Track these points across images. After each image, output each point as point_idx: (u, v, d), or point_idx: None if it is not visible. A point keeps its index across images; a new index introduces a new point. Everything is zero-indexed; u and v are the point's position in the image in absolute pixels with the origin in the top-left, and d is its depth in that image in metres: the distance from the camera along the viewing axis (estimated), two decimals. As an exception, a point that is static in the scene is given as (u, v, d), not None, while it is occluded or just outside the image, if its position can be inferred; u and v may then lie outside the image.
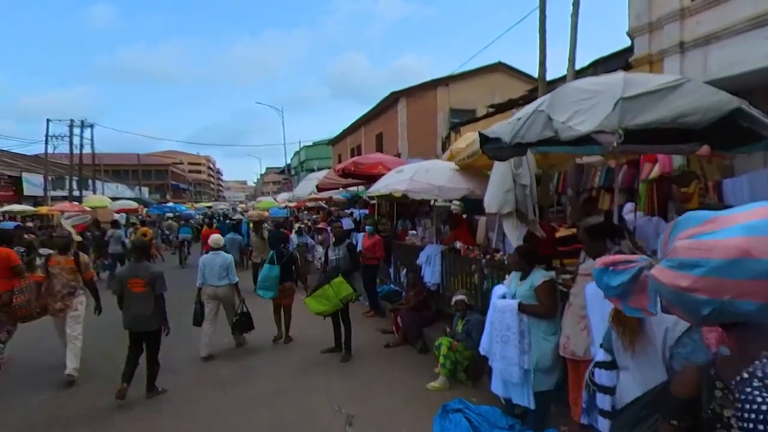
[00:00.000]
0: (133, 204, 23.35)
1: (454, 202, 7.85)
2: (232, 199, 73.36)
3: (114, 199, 22.41)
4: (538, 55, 7.05)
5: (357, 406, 4.25)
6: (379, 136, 22.61)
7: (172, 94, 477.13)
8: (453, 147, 7.38)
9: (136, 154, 57.24)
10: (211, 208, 37.20)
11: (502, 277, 4.57)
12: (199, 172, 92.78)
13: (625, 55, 7.59)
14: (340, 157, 28.05)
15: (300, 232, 11.37)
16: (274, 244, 6.53)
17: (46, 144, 25.69)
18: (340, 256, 6.01)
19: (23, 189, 27.02)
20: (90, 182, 30.60)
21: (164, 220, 24.19)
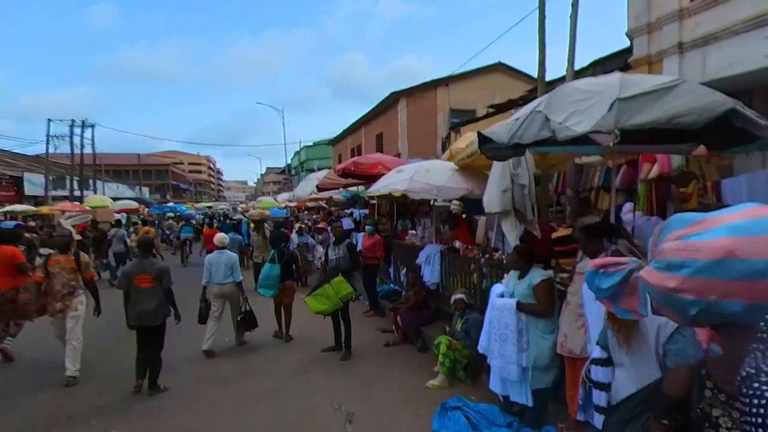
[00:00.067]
0: (134, 204, 23.45)
1: (453, 202, 7.87)
2: (232, 199, 73.30)
3: (115, 199, 22.48)
4: (537, 55, 7.08)
5: (357, 404, 4.28)
6: (380, 136, 22.62)
7: (172, 94, 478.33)
8: (453, 147, 7.40)
9: (137, 154, 57.46)
10: (212, 208, 37.18)
11: (501, 276, 4.59)
12: (200, 172, 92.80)
13: (624, 55, 7.60)
14: (340, 157, 28.07)
15: (301, 232, 11.38)
16: (275, 244, 6.60)
17: (47, 144, 25.80)
18: (340, 256, 6.05)
19: (24, 189, 27.14)
20: (91, 182, 30.67)
21: (165, 220, 24.27)
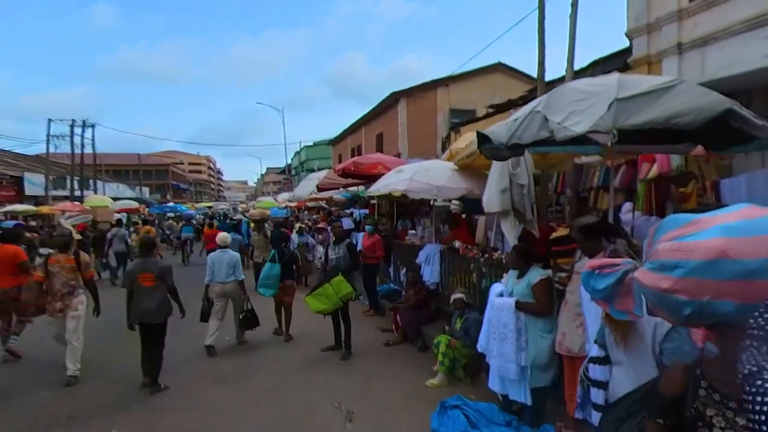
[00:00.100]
0: (134, 204, 23.48)
1: (453, 202, 7.89)
2: (232, 199, 73.26)
3: (115, 199, 22.50)
4: (537, 55, 7.09)
5: (356, 403, 4.30)
6: (380, 137, 22.64)
7: (173, 94, 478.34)
8: (452, 147, 7.42)
9: (137, 154, 57.53)
10: (212, 208, 37.19)
11: (500, 276, 4.61)
12: (200, 172, 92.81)
13: (623, 55, 7.61)
14: (340, 157, 28.08)
15: (301, 232, 11.40)
16: (276, 244, 6.64)
17: (48, 144, 25.80)
18: (340, 255, 6.07)
19: (24, 189, 27.18)
20: (91, 182, 30.69)
21: (165, 220, 24.30)
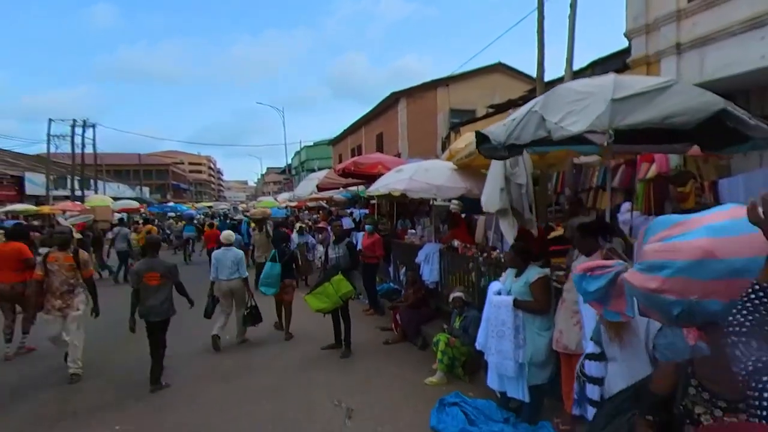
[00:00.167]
0: (135, 204, 23.49)
1: (452, 202, 7.91)
2: (232, 199, 73.22)
3: (115, 199, 22.53)
4: (536, 55, 7.13)
5: (356, 401, 4.33)
6: (380, 136, 22.67)
7: (173, 94, 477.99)
8: (452, 147, 7.45)
9: (137, 154, 57.58)
10: (212, 207, 37.21)
11: (499, 275, 4.63)
12: (200, 172, 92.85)
13: (622, 56, 7.64)
14: (340, 157, 28.10)
15: (301, 232, 11.44)
16: (276, 243, 6.71)
17: (48, 144, 25.85)
18: (339, 255, 6.11)
19: (25, 188, 27.23)
20: (91, 182, 30.74)
21: (165, 220, 24.34)
